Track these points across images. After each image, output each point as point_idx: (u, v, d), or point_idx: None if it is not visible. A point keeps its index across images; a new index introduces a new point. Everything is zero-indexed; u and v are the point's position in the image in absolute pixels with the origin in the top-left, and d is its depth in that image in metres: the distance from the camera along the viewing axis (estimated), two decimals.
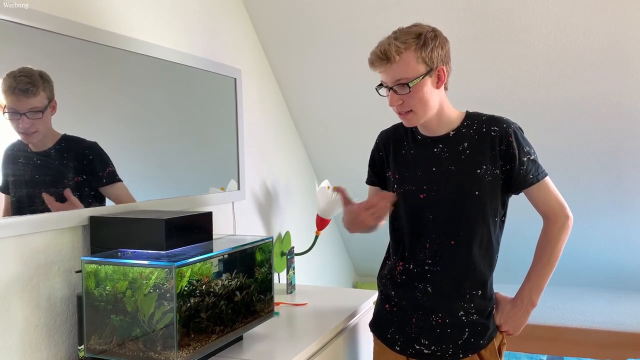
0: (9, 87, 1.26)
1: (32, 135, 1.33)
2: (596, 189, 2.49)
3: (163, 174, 1.82)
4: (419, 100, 1.37)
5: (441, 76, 1.39)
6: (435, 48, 1.36)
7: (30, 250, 1.30)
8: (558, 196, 1.45)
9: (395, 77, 1.36)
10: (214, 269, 1.34)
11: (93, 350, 1.26)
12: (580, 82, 2.16)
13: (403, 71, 1.35)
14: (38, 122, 1.33)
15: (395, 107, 1.41)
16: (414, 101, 1.37)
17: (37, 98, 1.32)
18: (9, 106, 1.27)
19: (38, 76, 1.32)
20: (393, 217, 1.54)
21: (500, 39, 2.12)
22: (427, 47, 1.35)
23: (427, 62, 1.36)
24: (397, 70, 1.35)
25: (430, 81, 1.37)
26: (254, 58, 2.35)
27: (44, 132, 1.36)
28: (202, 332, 1.27)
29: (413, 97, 1.37)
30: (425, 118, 1.42)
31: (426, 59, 1.35)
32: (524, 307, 1.45)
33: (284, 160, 2.59)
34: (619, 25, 1.96)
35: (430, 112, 1.41)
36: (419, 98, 1.37)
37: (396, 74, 1.36)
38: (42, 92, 1.33)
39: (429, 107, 1.40)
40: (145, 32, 1.69)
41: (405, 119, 1.43)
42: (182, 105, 1.88)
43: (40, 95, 1.32)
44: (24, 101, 1.30)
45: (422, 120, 1.42)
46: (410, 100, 1.37)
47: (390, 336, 1.51)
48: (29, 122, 1.31)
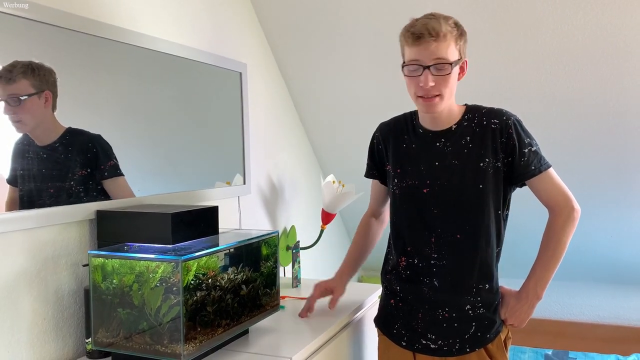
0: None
1: (18, 124, 1.30)
2: (602, 185, 2.48)
3: (169, 169, 1.82)
4: (449, 85, 1.36)
5: (464, 68, 1.41)
6: (466, 41, 1.39)
7: (38, 243, 1.30)
8: (563, 188, 1.43)
9: (438, 55, 1.33)
10: (220, 263, 1.34)
11: (100, 343, 1.27)
12: (586, 77, 2.15)
13: (444, 51, 1.33)
14: (19, 110, 1.30)
15: (425, 89, 1.35)
16: (445, 85, 1.35)
17: (15, 85, 1.28)
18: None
19: (23, 65, 1.29)
20: (393, 212, 1.54)
21: (507, 34, 2.11)
22: (463, 37, 1.37)
23: (460, 51, 1.37)
24: (441, 49, 1.32)
25: (457, 70, 1.38)
26: (260, 52, 2.35)
27: (32, 124, 1.33)
28: (208, 325, 1.28)
29: (446, 80, 1.35)
30: (444, 107, 1.41)
31: (460, 49, 1.37)
32: (529, 300, 1.45)
33: (289, 155, 2.59)
34: (626, 20, 1.94)
35: (449, 102, 1.41)
36: (450, 84, 1.37)
37: (440, 52, 1.32)
38: (24, 79, 1.29)
39: (452, 95, 1.40)
40: (151, 27, 1.69)
41: (431, 103, 1.37)
42: (187, 99, 1.89)
43: (19, 82, 1.29)
44: (3, 87, 1.26)
45: (442, 108, 1.40)
46: (443, 84, 1.35)
47: (396, 331, 1.52)
48: (10, 109, 1.28)
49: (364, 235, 1.71)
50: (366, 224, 1.72)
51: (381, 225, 1.74)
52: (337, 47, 2.36)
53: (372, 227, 1.71)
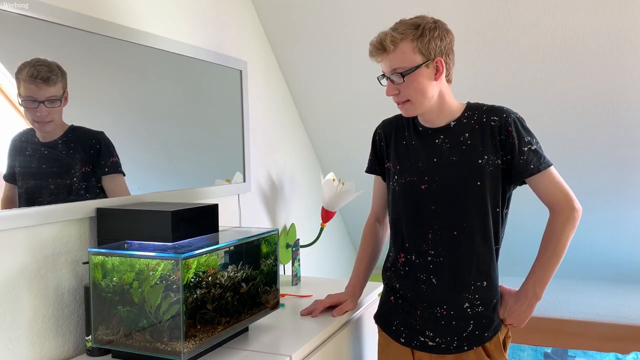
0: (30, 75, 1.28)
1: (48, 124, 1.36)
2: (601, 183, 2.48)
3: (169, 166, 1.82)
4: (415, 90, 1.39)
5: (439, 67, 1.39)
6: (433, 39, 1.37)
7: (38, 241, 1.31)
8: (564, 187, 1.42)
9: (392, 67, 1.39)
10: (220, 261, 1.34)
11: (100, 340, 1.27)
12: (585, 77, 2.15)
13: (399, 61, 1.37)
14: (54, 112, 1.36)
15: (393, 97, 1.43)
16: (410, 91, 1.39)
17: (55, 87, 1.34)
18: (27, 94, 1.29)
19: (55, 66, 1.35)
20: (392, 208, 1.54)
21: (507, 33, 2.11)
22: (425, 37, 1.36)
23: (424, 52, 1.37)
24: (393, 60, 1.38)
25: (427, 72, 1.38)
26: (260, 50, 2.35)
27: (58, 122, 1.39)
28: (208, 323, 1.28)
29: (409, 86, 1.38)
30: (424, 109, 1.42)
31: (423, 50, 1.36)
32: (528, 300, 1.44)
33: (289, 153, 2.59)
34: (626, 21, 1.94)
35: (427, 103, 1.41)
36: (415, 88, 1.38)
37: (392, 63, 1.38)
38: (60, 82, 1.36)
39: (426, 97, 1.40)
40: (152, 25, 1.69)
41: (403, 108, 1.45)
42: (188, 97, 1.89)
43: (58, 84, 1.35)
44: (44, 89, 1.32)
45: (420, 111, 1.43)
46: (407, 90, 1.39)
47: (395, 328, 1.52)
48: (47, 110, 1.34)
49: (371, 244, 1.69)
50: (371, 231, 1.70)
51: (386, 231, 1.71)
52: (337, 45, 2.36)
53: (377, 234, 1.70)
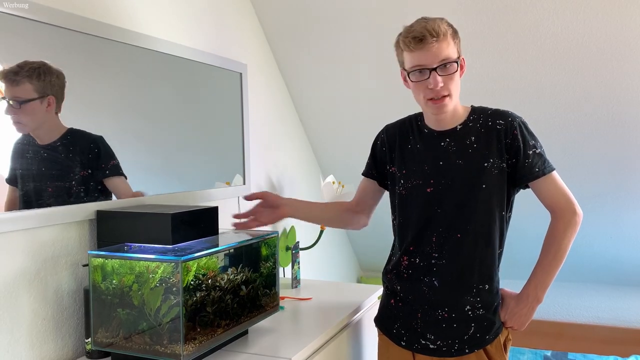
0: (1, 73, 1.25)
1: (18, 125, 1.31)
2: (601, 186, 2.48)
3: (169, 169, 1.82)
4: (456, 85, 1.39)
5: (463, 66, 1.41)
6: (460, 39, 1.40)
7: (38, 243, 1.30)
8: (565, 191, 1.43)
9: (441, 56, 1.34)
10: (220, 264, 1.34)
11: (100, 343, 1.27)
12: (585, 79, 2.15)
13: (448, 50, 1.35)
14: (19, 112, 1.30)
15: (436, 90, 1.35)
16: (453, 84, 1.37)
17: (19, 88, 1.29)
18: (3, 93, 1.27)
19: (31, 68, 1.30)
20: (398, 213, 1.54)
21: (507, 35, 2.11)
22: (457, 35, 1.39)
23: (458, 49, 1.39)
24: (445, 48, 1.34)
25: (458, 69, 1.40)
26: (260, 53, 2.35)
27: (32, 126, 1.34)
28: (208, 326, 1.28)
29: (453, 79, 1.37)
30: (453, 106, 1.42)
31: (458, 47, 1.38)
32: (529, 303, 1.45)
33: (289, 155, 2.59)
34: (626, 21, 1.95)
35: (456, 101, 1.43)
36: (456, 83, 1.39)
37: (444, 52, 1.34)
38: (28, 83, 1.30)
39: (458, 94, 1.42)
40: (152, 27, 1.69)
41: (440, 104, 1.38)
42: (188, 100, 1.89)
43: (23, 86, 1.30)
44: (8, 88, 1.28)
45: (451, 108, 1.42)
46: (450, 83, 1.37)
47: (395, 331, 1.52)
48: (11, 110, 1.29)
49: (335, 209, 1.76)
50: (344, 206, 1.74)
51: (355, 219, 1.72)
52: (337, 48, 2.37)
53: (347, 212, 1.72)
